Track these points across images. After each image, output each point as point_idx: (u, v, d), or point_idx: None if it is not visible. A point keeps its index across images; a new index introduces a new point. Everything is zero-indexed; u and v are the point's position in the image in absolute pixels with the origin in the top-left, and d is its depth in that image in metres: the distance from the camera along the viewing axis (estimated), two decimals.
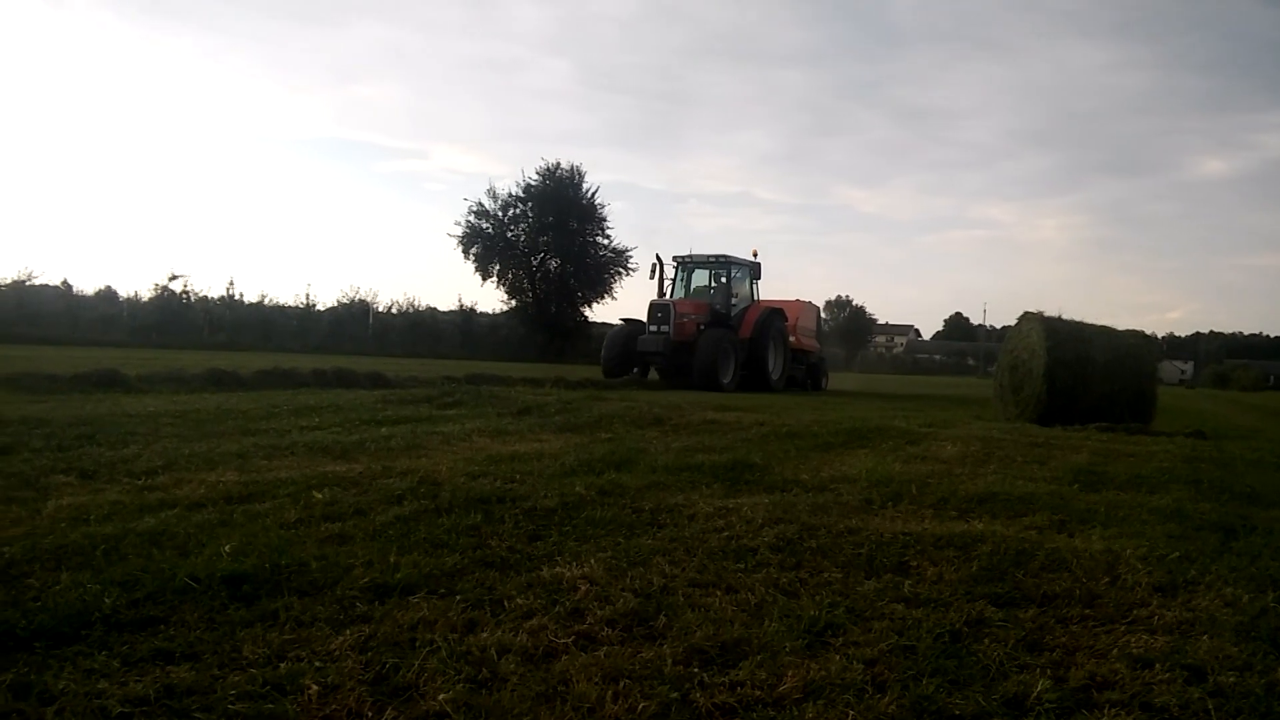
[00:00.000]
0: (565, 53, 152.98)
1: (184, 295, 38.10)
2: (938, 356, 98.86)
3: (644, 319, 23.54)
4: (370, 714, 2.50)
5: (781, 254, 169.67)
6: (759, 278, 25.12)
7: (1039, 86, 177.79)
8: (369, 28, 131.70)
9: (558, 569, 3.93)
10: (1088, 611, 3.70)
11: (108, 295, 39.08)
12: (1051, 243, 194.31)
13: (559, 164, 45.98)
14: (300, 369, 14.76)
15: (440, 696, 2.58)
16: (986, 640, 3.27)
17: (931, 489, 6.35)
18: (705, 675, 2.83)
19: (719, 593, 3.72)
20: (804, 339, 26.40)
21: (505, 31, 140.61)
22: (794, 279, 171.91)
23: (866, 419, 12.30)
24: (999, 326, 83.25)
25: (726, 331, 22.89)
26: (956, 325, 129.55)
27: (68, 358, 17.21)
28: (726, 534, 4.72)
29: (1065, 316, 15.34)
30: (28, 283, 35.14)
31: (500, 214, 45.81)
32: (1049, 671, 2.99)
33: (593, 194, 46.30)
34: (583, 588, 3.67)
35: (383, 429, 8.50)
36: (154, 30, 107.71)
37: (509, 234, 46.01)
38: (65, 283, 38.20)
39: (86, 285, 40.03)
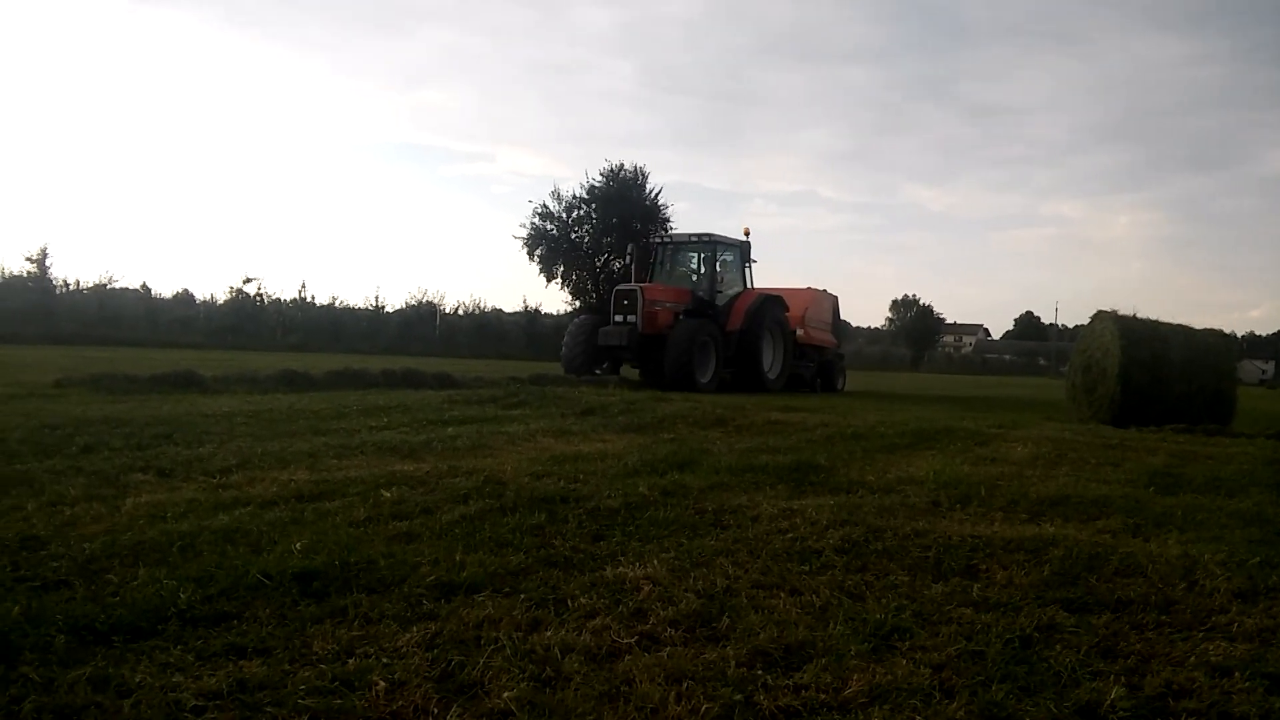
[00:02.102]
0: (629, 55, 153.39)
1: (258, 298, 38.99)
2: (1008, 356, 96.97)
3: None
4: (436, 711, 2.53)
5: (847, 253, 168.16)
6: (750, 260, 21.74)
7: (1111, 81, 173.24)
8: (436, 33, 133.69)
9: (621, 569, 3.94)
10: (1164, 618, 3.60)
11: (185, 298, 40.14)
12: (1125, 240, 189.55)
13: (622, 165, 45.96)
14: (370, 370, 14.98)
15: (505, 694, 2.60)
16: (1058, 646, 3.20)
17: (1001, 491, 6.24)
18: (769, 677, 2.81)
19: (783, 595, 3.70)
20: (814, 332, 23.12)
21: (570, 35, 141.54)
22: (859, 278, 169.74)
23: (934, 420, 12.13)
24: (1071, 326, 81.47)
25: (705, 322, 19.50)
26: (1027, 324, 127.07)
27: (147, 359, 17.72)
28: (790, 536, 4.69)
29: (1140, 315, 15.00)
30: (109, 286, 36.31)
31: (564, 215, 45.94)
32: (1123, 679, 2.92)
33: (656, 194, 46.24)
34: (646, 588, 3.67)
35: (449, 429, 8.60)
36: (227, 37, 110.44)
37: (573, 235, 46.13)
38: (144, 286, 39.35)
39: (165, 289, 41.18)
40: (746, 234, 21.93)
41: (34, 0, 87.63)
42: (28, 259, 33.37)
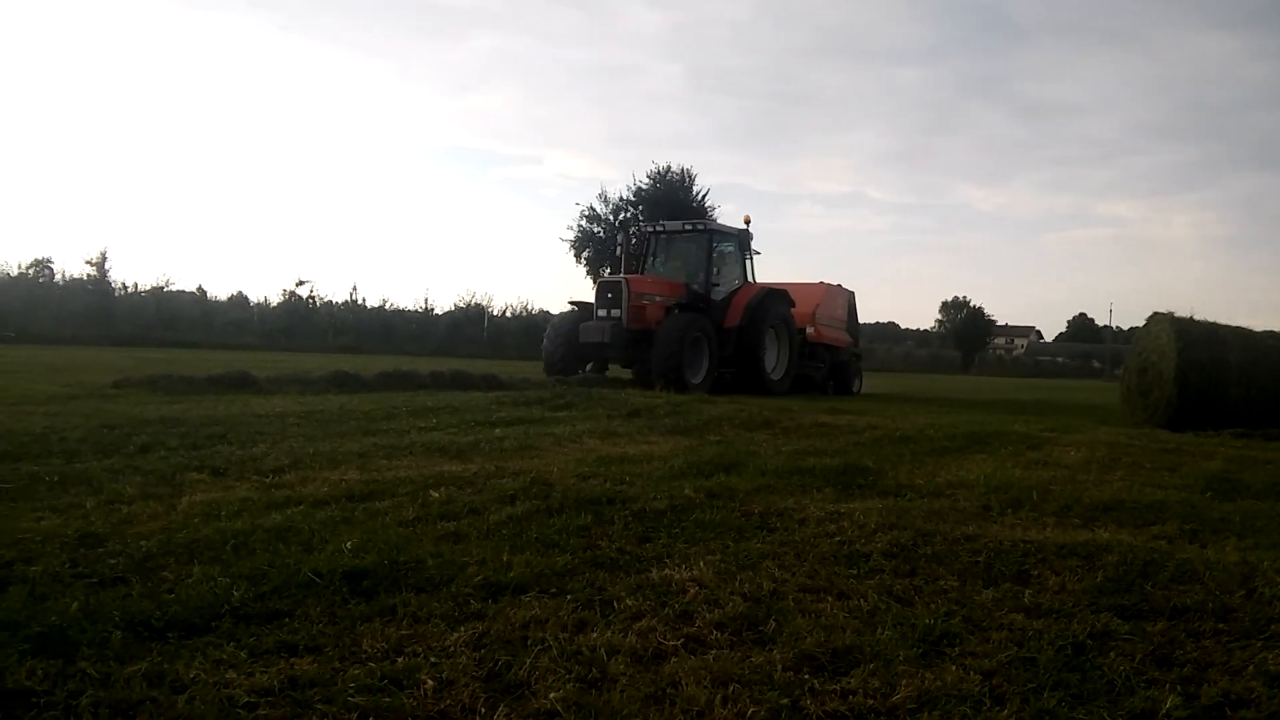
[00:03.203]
0: (679, 57, 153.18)
1: (310, 300, 39.49)
2: (1061, 359, 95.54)
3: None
4: (483, 710, 2.54)
5: (895, 254, 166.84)
6: (751, 251, 20.01)
7: (1169, 78, 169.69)
8: (487, 38, 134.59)
9: (667, 571, 3.93)
10: (1221, 626, 3.52)
11: (239, 300, 40.72)
12: (1182, 240, 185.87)
13: (669, 167, 46.07)
14: (419, 371, 15.09)
15: (551, 695, 2.61)
16: (1112, 654, 3.15)
17: (1054, 495, 6.14)
18: (816, 682, 2.79)
19: (830, 599, 3.67)
20: (825, 330, 21.44)
21: (619, 37, 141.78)
22: (908, 279, 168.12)
23: (984, 423, 11.99)
24: (1126, 328, 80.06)
25: (698, 317, 17.78)
26: (1081, 326, 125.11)
27: (202, 360, 18.04)
28: (838, 539, 4.66)
29: (1198, 317, 14.67)
30: (166, 289, 37.03)
31: (611, 218, 46.11)
32: (1179, 688, 2.86)
33: (703, 196, 46.27)
34: (692, 590, 3.67)
35: (497, 430, 8.65)
36: (283, 42, 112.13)
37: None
38: (200, 289, 39.96)
39: (220, 291, 41.91)
40: (747, 222, 20.34)
41: (95, 4, 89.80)
42: (88, 262, 34.17)
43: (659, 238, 20.44)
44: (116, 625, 2.95)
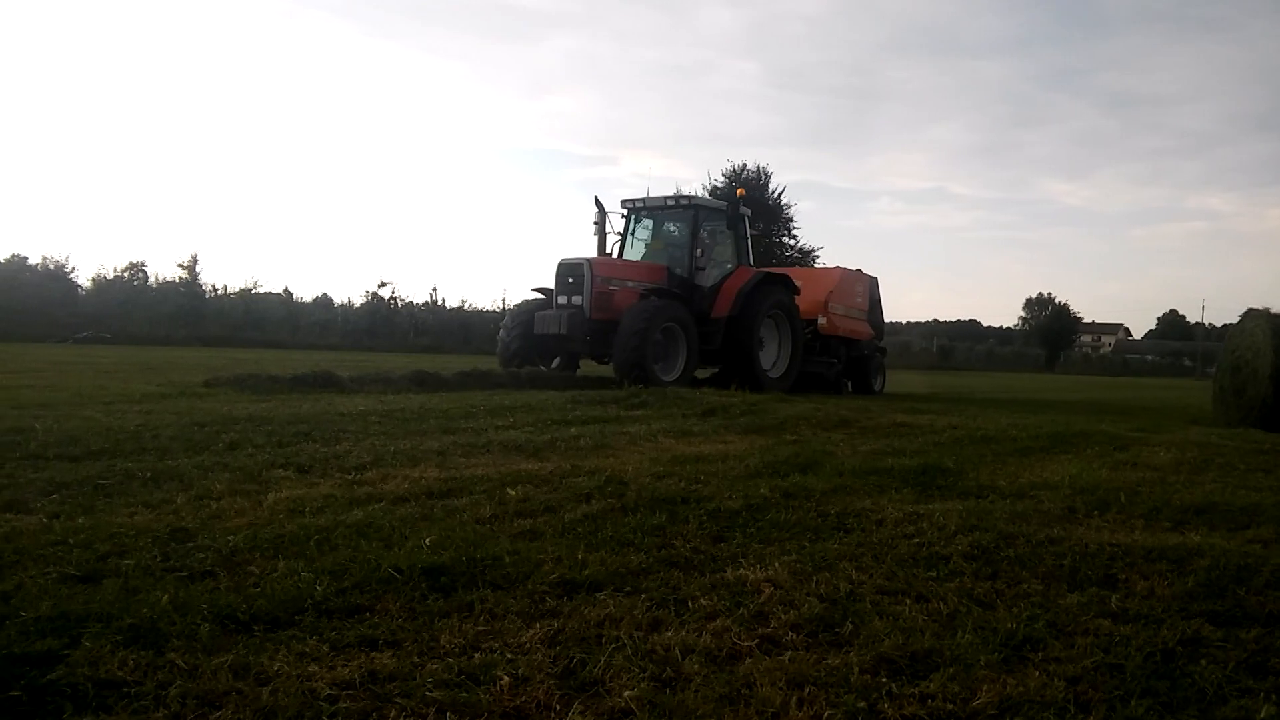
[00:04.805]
0: (754, 54, 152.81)
1: (392, 301, 40.34)
2: (1150, 357, 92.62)
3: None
4: (558, 707, 2.56)
5: (978, 250, 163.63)
6: (746, 230, 17.69)
7: (1263, 67, 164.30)
8: (564, 40, 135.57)
9: (741, 571, 3.91)
10: None
11: (324, 302, 41.77)
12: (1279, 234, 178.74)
13: (744, 165, 46.01)
14: (496, 370, 15.25)
15: (625, 694, 2.62)
16: (1203, 661, 3.04)
17: (1142, 498, 5.96)
18: (894, 685, 2.75)
19: (908, 601, 3.62)
20: (841, 321, 19.10)
21: (695, 36, 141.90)
22: (991, 276, 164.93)
23: (1069, 423, 11.68)
24: (1219, 325, 77.43)
25: (670, 303, 15.47)
26: (1171, 323, 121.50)
27: (289, 360, 18.50)
28: (917, 540, 4.58)
29: None
30: (254, 291, 38.16)
31: None
32: (1274, 697, 2.75)
33: (779, 194, 46.03)
34: (767, 591, 3.64)
35: (572, 429, 8.69)
36: (366, 50, 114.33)
37: None
38: (286, 291, 41.12)
39: (305, 293, 43.06)
40: (740, 196, 18.39)
41: (182, 12, 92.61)
42: (180, 266, 35.47)
43: (639, 215, 17.89)
44: (204, 618, 3.03)
